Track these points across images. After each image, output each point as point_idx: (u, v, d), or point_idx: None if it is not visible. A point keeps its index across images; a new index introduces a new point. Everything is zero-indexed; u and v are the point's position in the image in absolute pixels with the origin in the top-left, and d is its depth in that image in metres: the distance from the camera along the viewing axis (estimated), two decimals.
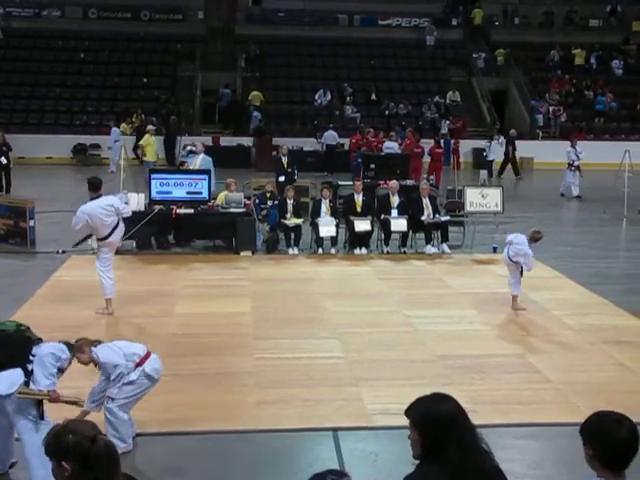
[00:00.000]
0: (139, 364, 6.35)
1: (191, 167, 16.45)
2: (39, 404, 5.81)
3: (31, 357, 5.83)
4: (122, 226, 10.55)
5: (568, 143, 23.38)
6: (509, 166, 26.79)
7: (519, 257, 10.41)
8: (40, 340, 6.03)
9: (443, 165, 24.22)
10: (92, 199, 10.20)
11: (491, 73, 34.70)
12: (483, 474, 2.98)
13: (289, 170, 18.22)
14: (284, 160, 18.51)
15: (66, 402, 5.95)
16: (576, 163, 21.99)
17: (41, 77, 31.46)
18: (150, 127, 23.26)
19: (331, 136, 27.81)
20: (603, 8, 37.17)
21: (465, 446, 2.97)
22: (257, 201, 15.23)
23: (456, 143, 28.17)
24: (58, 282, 11.79)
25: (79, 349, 6.29)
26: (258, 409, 7.29)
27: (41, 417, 5.79)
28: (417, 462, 3.10)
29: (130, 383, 6.31)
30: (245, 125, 30.72)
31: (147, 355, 6.46)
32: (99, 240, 10.39)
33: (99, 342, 6.45)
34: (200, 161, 16.66)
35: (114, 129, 26.93)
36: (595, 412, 3.17)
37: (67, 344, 6.08)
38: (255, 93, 31.20)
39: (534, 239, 10.53)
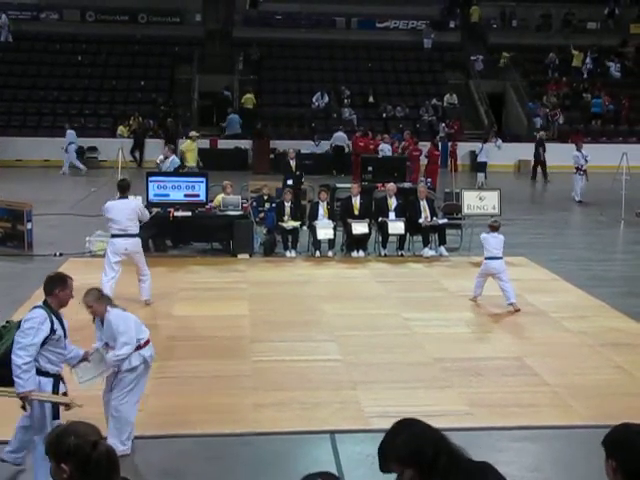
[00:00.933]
0: (139, 347, 6.29)
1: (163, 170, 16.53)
2: (53, 405, 5.68)
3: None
4: (135, 241, 10.68)
5: (566, 145, 23.36)
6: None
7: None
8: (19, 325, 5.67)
9: (440, 167, 24.26)
10: (119, 199, 10.81)
11: (489, 76, 34.71)
12: (474, 468, 2.93)
13: (297, 173, 18.25)
14: (292, 164, 18.53)
15: (57, 403, 5.74)
16: (584, 167, 21.82)
17: (39, 80, 31.45)
18: (193, 133, 23.33)
19: (340, 137, 27.89)
20: (601, 10, 37.24)
21: (449, 451, 2.92)
22: (254, 204, 15.23)
23: (453, 145, 28.20)
24: None
25: (96, 299, 6.17)
26: (256, 412, 7.29)
27: (55, 416, 5.64)
28: None
29: (132, 370, 6.24)
30: (220, 128, 30.73)
31: (148, 341, 6.45)
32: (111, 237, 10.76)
33: (114, 304, 6.37)
34: (169, 163, 16.71)
35: (69, 131, 26.69)
36: (621, 423, 2.99)
37: (45, 303, 5.68)
38: (248, 96, 31.21)
39: (494, 228, 10.97)
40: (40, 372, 5.64)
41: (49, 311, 5.65)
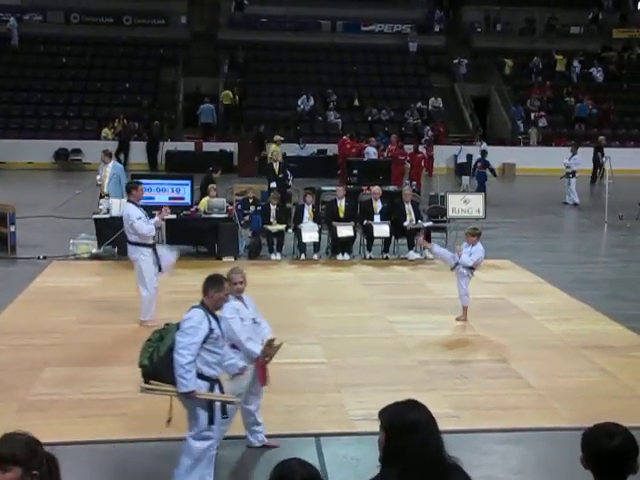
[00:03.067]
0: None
1: (101, 176, 15.61)
2: (211, 406, 5.66)
3: None
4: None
5: (551, 149, 23.44)
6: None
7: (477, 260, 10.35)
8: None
9: (423, 170, 24.32)
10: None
11: (473, 79, 34.86)
12: (435, 469, 2.98)
13: (280, 176, 18.19)
14: (275, 166, 18.48)
15: (215, 400, 5.69)
16: (572, 170, 22.00)
17: (22, 81, 31.28)
18: (277, 137, 23.28)
19: None
20: (584, 15, 37.51)
21: (425, 452, 2.98)
22: (239, 207, 15.21)
23: (429, 150, 28.27)
24: (39, 288, 11.71)
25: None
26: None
27: (211, 421, 5.64)
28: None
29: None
30: (194, 120, 30.97)
31: None
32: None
33: None
34: (111, 169, 15.94)
35: None
36: (597, 423, 3.13)
37: (202, 305, 5.74)
38: (225, 92, 31.54)
39: (473, 235, 10.38)
40: (197, 374, 5.62)
41: (206, 310, 5.69)
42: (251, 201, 15.45)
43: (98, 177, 15.92)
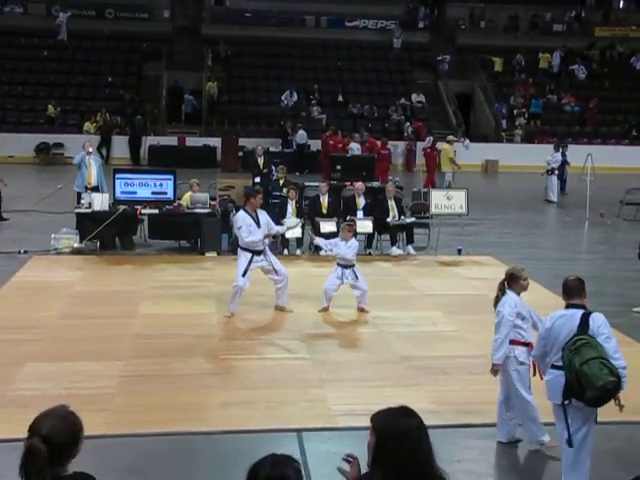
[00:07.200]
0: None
1: (85, 170, 15.74)
2: None
3: None
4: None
5: (532, 146, 23.56)
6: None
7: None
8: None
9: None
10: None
11: (457, 76, 34.96)
12: (423, 476, 3.00)
13: (265, 171, 18.15)
14: (260, 161, 18.43)
15: None
16: (549, 167, 22.20)
17: (3, 74, 30.97)
18: (451, 137, 23.24)
19: (301, 136, 27.88)
20: (567, 13, 37.73)
21: (415, 459, 2.99)
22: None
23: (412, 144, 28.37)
24: (20, 282, 11.62)
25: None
26: (223, 410, 7.26)
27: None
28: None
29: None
30: (178, 111, 31.42)
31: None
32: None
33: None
34: (94, 161, 16.04)
35: None
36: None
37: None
38: (210, 84, 31.64)
39: (350, 231, 10.86)
40: None
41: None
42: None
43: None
